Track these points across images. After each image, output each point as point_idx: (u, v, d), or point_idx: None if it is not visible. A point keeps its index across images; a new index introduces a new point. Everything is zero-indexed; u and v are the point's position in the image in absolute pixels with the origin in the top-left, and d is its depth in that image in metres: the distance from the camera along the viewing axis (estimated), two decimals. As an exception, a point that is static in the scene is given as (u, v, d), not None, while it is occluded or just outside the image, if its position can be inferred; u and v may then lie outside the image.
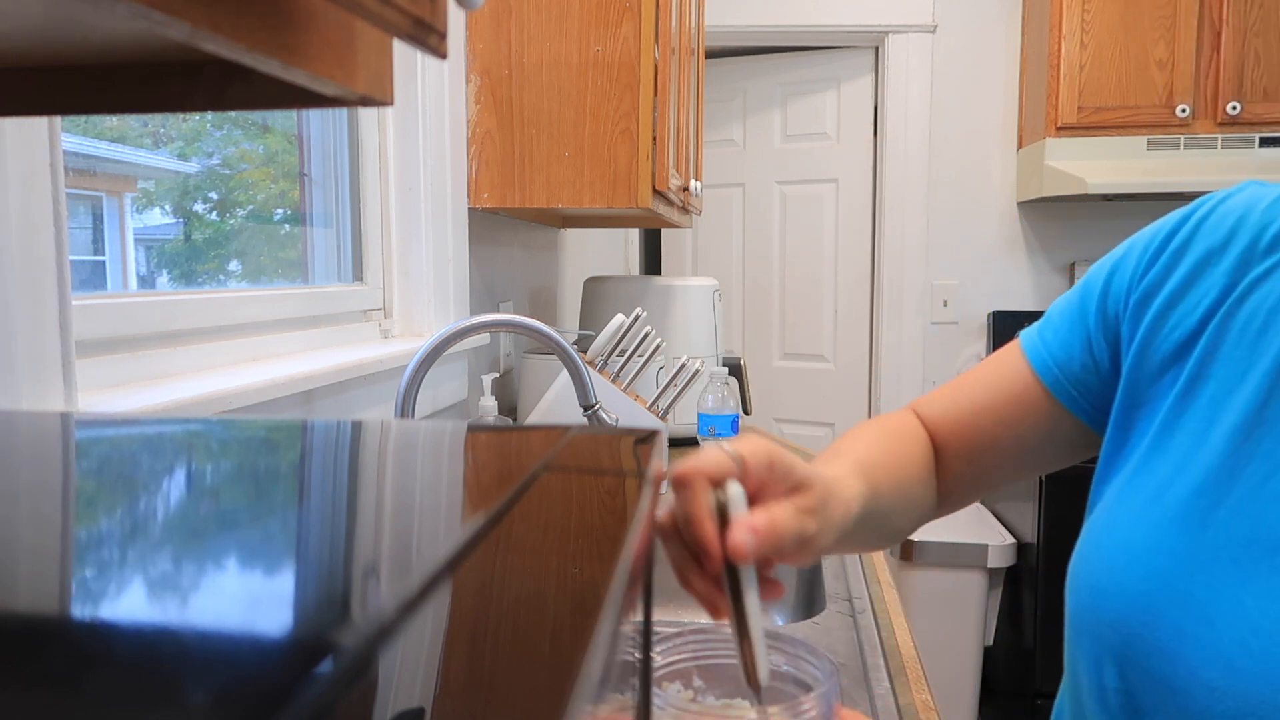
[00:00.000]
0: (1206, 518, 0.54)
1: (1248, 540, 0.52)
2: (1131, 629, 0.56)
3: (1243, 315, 0.57)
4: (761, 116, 3.51)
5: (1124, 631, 0.56)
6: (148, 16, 0.23)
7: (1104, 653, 0.58)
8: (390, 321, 1.50)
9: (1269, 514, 0.52)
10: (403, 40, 0.34)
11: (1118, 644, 0.57)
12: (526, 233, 2.11)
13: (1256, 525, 0.52)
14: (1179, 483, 0.56)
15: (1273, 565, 0.51)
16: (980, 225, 3.21)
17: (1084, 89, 2.80)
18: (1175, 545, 0.54)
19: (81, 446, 0.46)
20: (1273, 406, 0.54)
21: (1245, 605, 0.50)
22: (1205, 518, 0.54)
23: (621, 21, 1.53)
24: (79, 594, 0.26)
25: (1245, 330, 0.57)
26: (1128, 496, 0.60)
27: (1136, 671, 0.56)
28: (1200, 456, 0.56)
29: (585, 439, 0.46)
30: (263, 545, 0.30)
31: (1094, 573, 0.60)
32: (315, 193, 1.40)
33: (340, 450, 0.47)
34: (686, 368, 1.56)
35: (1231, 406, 0.56)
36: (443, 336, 1.17)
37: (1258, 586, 0.51)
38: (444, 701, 0.20)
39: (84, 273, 1.01)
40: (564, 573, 0.29)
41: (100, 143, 0.99)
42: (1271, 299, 0.56)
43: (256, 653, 0.22)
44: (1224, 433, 0.55)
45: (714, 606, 0.51)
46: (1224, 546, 0.53)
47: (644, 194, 1.55)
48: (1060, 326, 0.70)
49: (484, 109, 1.58)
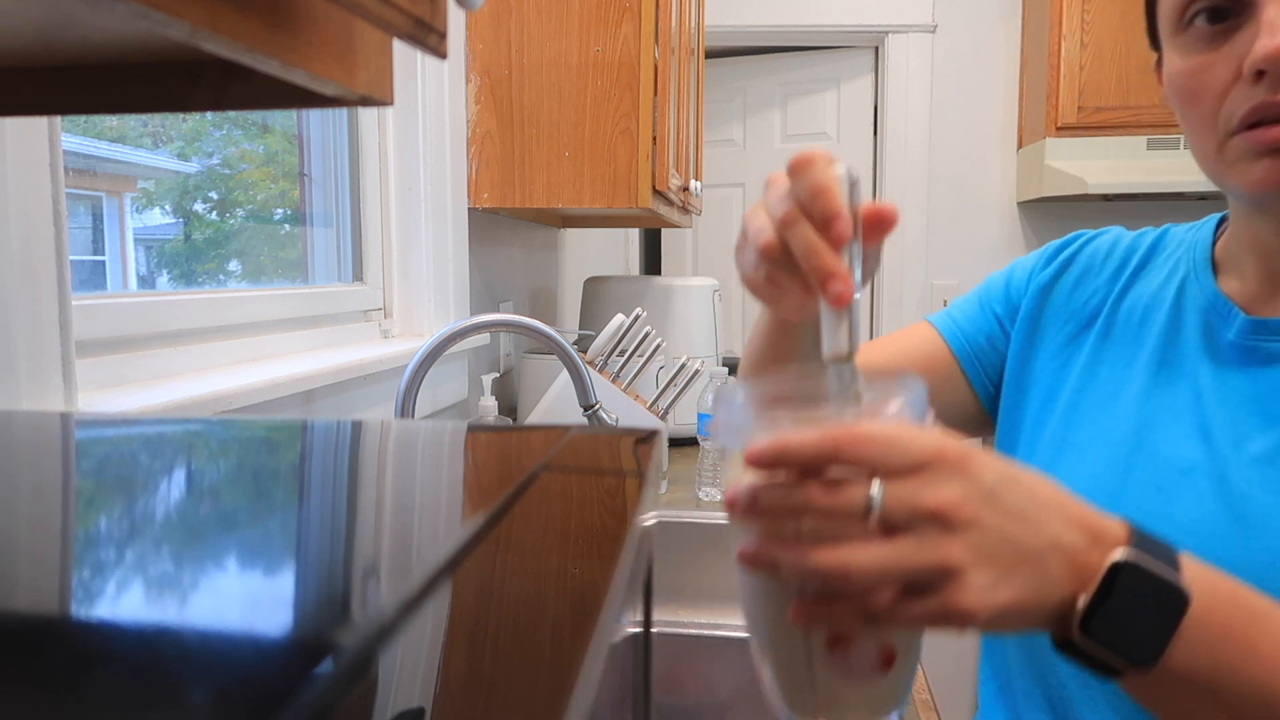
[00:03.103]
0: (1130, 460, 0.67)
1: (1164, 468, 0.66)
2: None
3: (1122, 312, 0.74)
4: (761, 116, 3.51)
5: None
6: (148, 16, 0.23)
7: None
8: (390, 321, 1.50)
9: (1176, 449, 0.66)
10: (403, 40, 0.34)
11: None
12: (526, 233, 2.11)
13: (1169, 458, 0.66)
14: (1099, 441, 0.70)
15: (1186, 483, 0.64)
16: (980, 225, 3.21)
17: (1084, 89, 2.80)
18: (1109, 484, 0.67)
19: (81, 446, 0.46)
20: (1162, 374, 0.69)
21: (1173, 516, 0.63)
22: (1129, 460, 0.68)
23: (621, 21, 1.53)
24: (79, 594, 0.26)
25: (1127, 323, 0.73)
26: (1057, 457, 0.72)
27: None
28: (1114, 420, 0.70)
29: (585, 439, 0.46)
30: (263, 545, 0.30)
31: None
32: (315, 193, 1.39)
33: (340, 450, 0.47)
34: (686, 368, 1.56)
35: (1131, 379, 0.70)
36: (443, 336, 1.17)
37: (1179, 498, 0.64)
38: (444, 701, 0.20)
39: (84, 273, 1.01)
40: (564, 573, 0.28)
41: (100, 143, 0.99)
42: (1144, 299, 0.73)
43: (257, 653, 0.22)
44: (1130, 400, 0.70)
45: (845, 281, 0.47)
46: (1149, 477, 0.66)
47: (644, 194, 1.55)
48: (966, 311, 0.83)
49: (484, 109, 1.58)
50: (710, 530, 1.43)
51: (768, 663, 0.46)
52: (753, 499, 0.42)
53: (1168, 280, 0.73)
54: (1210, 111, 0.63)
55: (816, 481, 0.42)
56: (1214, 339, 0.68)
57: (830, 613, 0.42)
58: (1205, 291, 0.70)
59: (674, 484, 1.63)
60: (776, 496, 0.42)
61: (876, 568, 0.41)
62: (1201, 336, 0.69)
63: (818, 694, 0.45)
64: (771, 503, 0.42)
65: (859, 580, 0.41)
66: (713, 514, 1.44)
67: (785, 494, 0.42)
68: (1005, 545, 0.42)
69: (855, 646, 0.44)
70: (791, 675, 0.45)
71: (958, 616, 0.41)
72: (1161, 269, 0.75)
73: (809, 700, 0.45)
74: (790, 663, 0.45)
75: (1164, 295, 0.73)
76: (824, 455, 0.41)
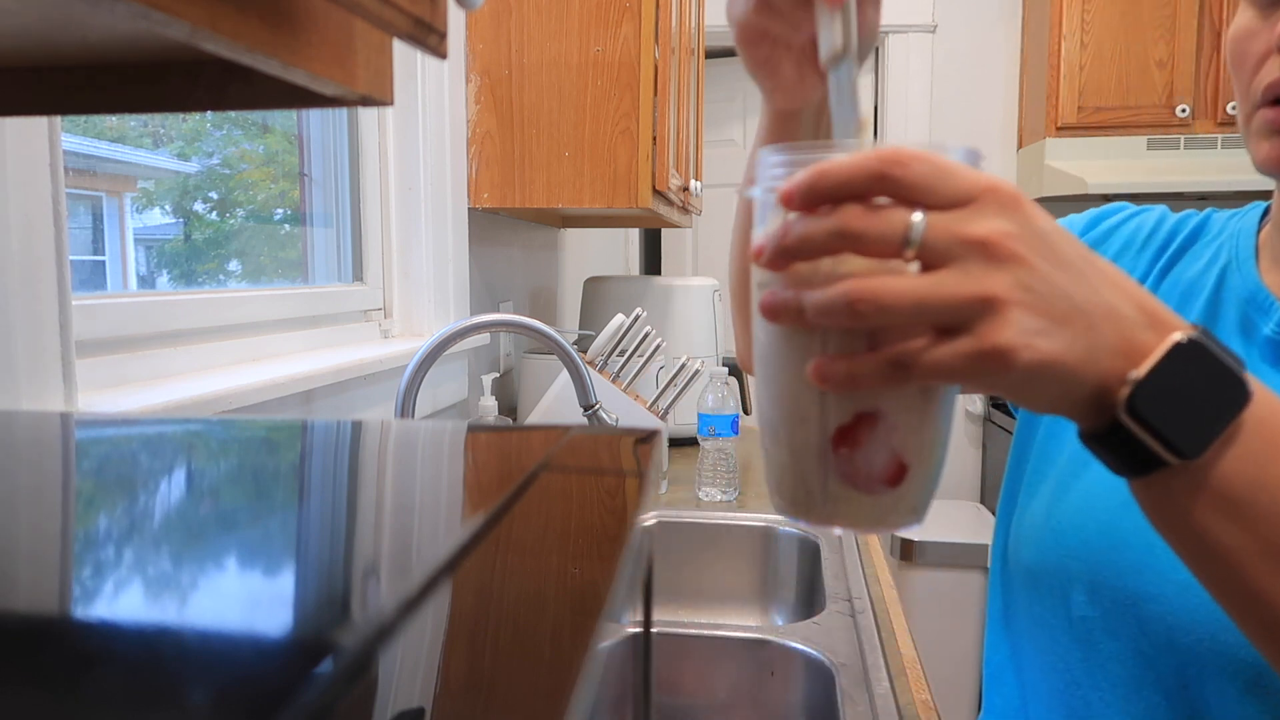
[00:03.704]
0: None
1: None
2: (1100, 555, 0.64)
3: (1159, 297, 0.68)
4: (761, 116, 3.51)
5: (1091, 559, 0.64)
6: (148, 16, 0.23)
7: (1070, 583, 0.66)
8: (390, 321, 1.50)
9: None
10: (403, 40, 0.34)
11: (1084, 571, 0.65)
12: (526, 233, 2.11)
13: None
14: None
15: None
16: (980, 225, 3.21)
17: (1084, 89, 2.80)
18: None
19: (81, 446, 0.46)
20: None
21: None
22: None
23: (621, 21, 1.53)
24: (79, 594, 0.26)
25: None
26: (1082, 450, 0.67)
27: (1106, 590, 0.64)
28: None
29: (585, 439, 0.46)
30: (263, 545, 0.30)
31: (1059, 515, 0.67)
32: (315, 193, 1.39)
33: (340, 450, 0.47)
34: (686, 368, 1.56)
35: None
36: (443, 336, 1.17)
37: None
38: (444, 701, 0.20)
39: (84, 273, 1.01)
40: (564, 573, 0.28)
41: (100, 143, 0.99)
42: (1181, 285, 0.69)
43: (257, 653, 0.22)
44: None
45: None
46: None
47: (644, 194, 1.55)
48: None
49: (484, 109, 1.58)
50: (710, 530, 1.43)
51: (777, 452, 0.43)
52: (783, 233, 0.38)
53: (1208, 268, 0.69)
54: (1246, 80, 0.62)
55: (852, 205, 0.37)
56: (1252, 333, 0.64)
57: (854, 367, 0.38)
58: (1247, 282, 0.66)
59: (674, 484, 1.63)
60: (809, 225, 0.38)
61: (913, 298, 0.36)
62: (1239, 330, 0.65)
63: (824, 495, 0.41)
64: (804, 232, 0.38)
65: (893, 312, 0.37)
66: (713, 514, 1.44)
67: (818, 222, 0.38)
68: (1055, 293, 0.38)
69: (864, 447, 0.40)
70: (798, 469, 0.42)
71: (994, 355, 0.37)
72: (1202, 255, 0.70)
73: (813, 501, 0.42)
74: (800, 452, 0.41)
75: (1203, 283, 0.68)
76: (868, 175, 0.37)
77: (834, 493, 0.41)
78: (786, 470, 0.42)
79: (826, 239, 0.38)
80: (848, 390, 0.39)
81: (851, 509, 0.41)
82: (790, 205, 0.38)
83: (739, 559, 1.43)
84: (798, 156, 0.40)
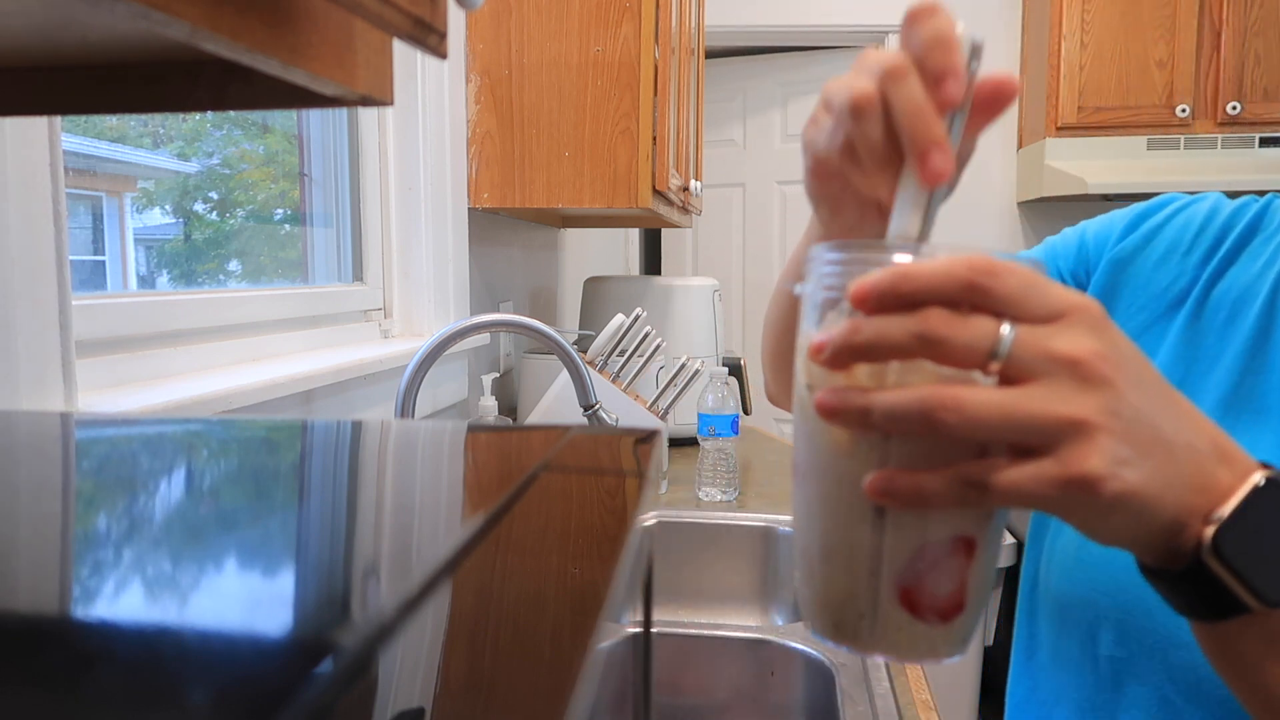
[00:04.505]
0: None
1: None
2: (1130, 592, 0.59)
3: (1212, 302, 0.64)
4: (761, 116, 3.51)
5: (1121, 597, 0.60)
6: (148, 16, 0.23)
7: (1099, 620, 0.61)
8: (390, 321, 1.50)
9: None
10: (403, 40, 0.34)
11: (1114, 609, 0.60)
12: (526, 233, 2.11)
13: None
14: None
15: None
16: (980, 225, 3.21)
17: (1084, 89, 2.80)
18: None
19: (81, 446, 0.46)
20: (1246, 385, 0.59)
21: None
22: None
23: (621, 21, 1.53)
24: (79, 594, 0.26)
25: (1214, 316, 0.63)
26: None
27: (1135, 632, 0.59)
28: None
29: (585, 439, 0.46)
30: (263, 545, 0.30)
31: (1092, 547, 0.62)
32: (315, 193, 1.39)
33: (340, 450, 0.47)
34: (686, 368, 1.56)
35: (1210, 386, 0.61)
36: (443, 336, 1.17)
37: None
38: (444, 701, 0.20)
39: (84, 273, 1.01)
40: (564, 573, 0.28)
41: (100, 143, 0.99)
42: (1236, 289, 0.63)
43: (257, 653, 0.22)
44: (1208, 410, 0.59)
45: (946, 155, 0.40)
46: None
47: (644, 194, 1.55)
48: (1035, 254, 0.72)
49: (484, 109, 1.58)
50: (710, 530, 1.43)
51: (818, 575, 0.40)
52: (852, 331, 0.35)
53: (1266, 268, 0.62)
54: None
55: (938, 309, 0.35)
56: None
57: (923, 484, 0.35)
58: None
59: (674, 484, 1.63)
60: (887, 325, 0.35)
61: (1000, 412, 0.34)
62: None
63: (874, 620, 0.38)
64: (880, 331, 0.35)
65: (976, 424, 0.34)
66: (713, 514, 1.44)
67: (899, 322, 0.35)
68: (1141, 420, 0.35)
69: (934, 574, 0.37)
70: (845, 593, 0.39)
71: (1080, 483, 0.34)
72: (1260, 253, 0.63)
73: (862, 627, 0.39)
74: (847, 576, 0.38)
75: (1259, 287, 0.62)
76: (958, 284, 0.35)
77: (887, 618, 0.38)
78: (832, 591, 0.39)
79: (906, 340, 0.35)
80: (910, 508, 0.37)
81: (903, 637, 0.39)
82: (862, 305, 0.36)
83: (739, 559, 1.43)
84: (857, 256, 0.38)
